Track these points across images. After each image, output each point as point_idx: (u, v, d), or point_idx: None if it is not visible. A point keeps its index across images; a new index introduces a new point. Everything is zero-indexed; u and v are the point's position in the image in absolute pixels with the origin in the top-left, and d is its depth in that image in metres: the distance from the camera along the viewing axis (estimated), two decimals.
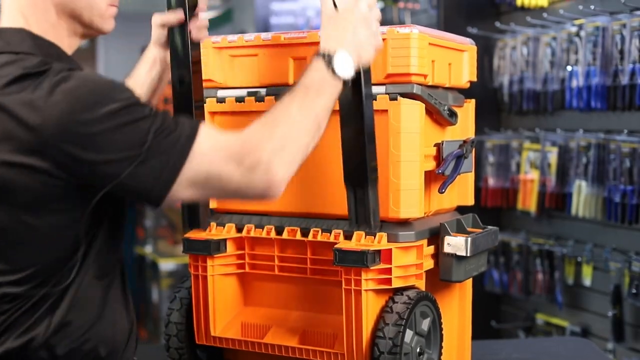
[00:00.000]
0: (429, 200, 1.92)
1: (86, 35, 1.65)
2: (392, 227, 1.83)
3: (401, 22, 4.68)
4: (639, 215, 3.21)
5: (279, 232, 1.92)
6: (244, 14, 7.60)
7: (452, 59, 2.00)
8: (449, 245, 1.86)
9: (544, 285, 3.87)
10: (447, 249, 1.86)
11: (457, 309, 2.06)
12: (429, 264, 1.87)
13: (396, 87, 1.82)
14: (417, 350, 1.79)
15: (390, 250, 1.78)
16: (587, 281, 3.62)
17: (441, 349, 1.89)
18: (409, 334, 1.78)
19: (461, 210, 2.09)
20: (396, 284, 1.79)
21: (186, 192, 1.52)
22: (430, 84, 1.88)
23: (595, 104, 3.43)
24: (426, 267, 1.86)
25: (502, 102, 4.14)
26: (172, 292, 2.09)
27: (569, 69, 3.59)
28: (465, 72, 2.06)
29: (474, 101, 2.11)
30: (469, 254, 1.84)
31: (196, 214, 1.90)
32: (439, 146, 1.91)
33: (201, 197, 1.60)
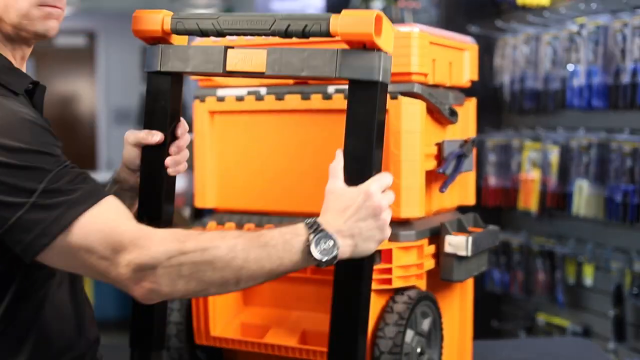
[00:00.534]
0: (430, 199, 1.91)
1: (25, 39, 1.52)
2: (393, 226, 1.81)
3: (402, 21, 4.68)
4: None
5: None
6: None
7: (453, 58, 1.99)
8: (450, 244, 1.85)
9: (544, 285, 3.86)
10: (448, 249, 1.85)
11: (457, 308, 2.05)
12: (430, 264, 1.87)
13: (397, 86, 1.81)
14: (418, 350, 1.79)
15: (390, 250, 1.78)
16: (588, 281, 3.62)
17: (442, 348, 1.88)
18: (410, 333, 1.77)
19: (462, 209, 2.08)
20: (397, 284, 1.78)
21: (56, 259, 1.39)
22: (431, 83, 1.88)
23: (596, 103, 3.43)
24: (427, 266, 1.85)
25: (503, 101, 4.14)
26: None
27: (570, 67, 3.59)
28: (466, 71, 2.05)
29: (474, 100, 2.10)
30: (469, 254, 1.84)
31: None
32: (439, 145, 1.91)
33: (72, 270, 1.47)
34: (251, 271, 1.40)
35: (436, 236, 1.87)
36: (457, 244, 1.85)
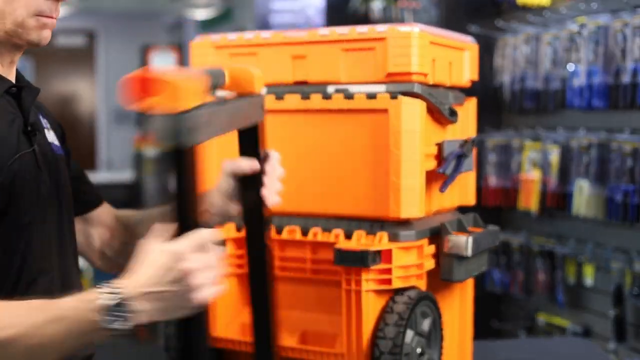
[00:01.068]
0: (430, 199, 1.91)
1: (16, 43, 1.51)
2: (393, 226, 1.82)
3: (402, 21, 4.68)
4: None
5: (279, 231, 1.91)
6: (244, 12, 7.60)
7: (453, 58, 1.99)
8: (450, 244, 1.85)
9: (545, 285, 3.86)
10: (448, 249, 1.85)
11: (457, 308, 2.05)
12: (430, 264, 1.86)
13: (397, 86, 1.81)
14: (418, 350, 1.79)
15: (390, 250, 1.77)
16: (589, 281, 3.62)
17: (442, 349, 1.88)
18: (410, 334, 1.77)
19: (462, 209, 2.08)
20: (397, 284, 1.78)
21: None
22: (431, 82, 1.87)
23: (596, 103, 3.43)
24: (427, 267, 1.85)
25: (503, 101, 4.13)
26: None
27: (571, 67, 3.58)
28: (466, 70, 2.05)
29: (475, 100, 2.10)
30: (470, 254, 1.84)
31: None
32: (439, 145, 1.91)
33: None
34: (43, 353, 1.27)
35: (436, 236, 1.87)
36: (457, 244, 1.84)
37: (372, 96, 1.81)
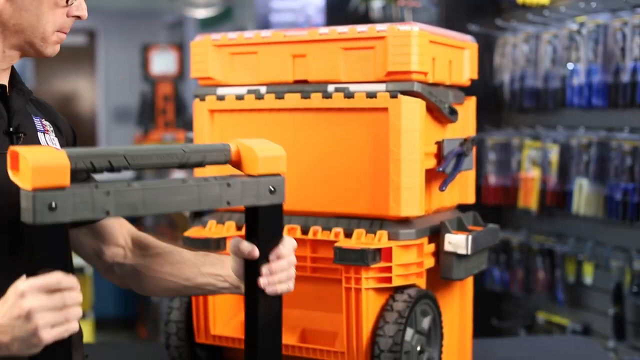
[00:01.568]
0: (430, 198, 1.91)
1: (27, 53, 1.55)
2: (393, 225, 1.82)
3: (402, 20, 4.68)
4: None
5: None
6: (244, 11, 7.59)
7: (453, 57, 1.99)
8: (450, 243, 1.85)
9: (544, 283, 3.86)
10: (447, 247, 1.85)
11: (457, 307, 2.05)
12: (430, 262, 1.87)
13: (396, 84, 1.81)
14: (418, 348, 1.79)
15: (390, 248, 1.78)
16: (588, 279, 3.62)
17: (442, 347, 1.88)
18: (410, 332, 1.77)
19: (462, 208, 2.09)
20: (396, 283, 1.79)
21: None
22: (430, 81, 1.88)
23: (596, 101, 3.43)
24: (427, 265, 1.85)
25: (503, 99, 4.13)
26: None
27: (570, 66, 3.58)
28: (465, 69, 2.05)
29: (474, 99, 2.10)
30: (469, 252, 1.84)
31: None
32: (439, 144, 1.91)
33: None
34: None
35: (436, 235, 1.88)
36: (456, 242, 1.85)
37: (372, 95, 1.81)
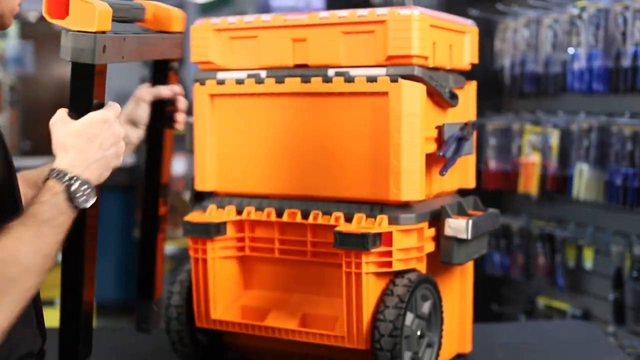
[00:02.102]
0: (430, 182, 1.91)
1: None
2: (393, 209, 1.82)
3: (402, 4, 4.66)
4: None
5: (280, 214, 1.91)
6: None
7: (453, 41, 1.98)
8: (450, 227, 1.85)
9: (544, 268, 3.87)
10: (448, 232, 1.85)
11: (457, 291, 2.06)
12: (430, 247, 1.87)
13: (397, 69, 1.81)
14: (418, 333, 1.79)
15: (390, 233, 1.78)
16: (588, 264, 3.62)
17: (442, 331, 1.88)
18: (410, 316, 1.77)
19: (462, 193, 2.08)
20: (397, 267, 1.79)
21: None
22: (431, 65, 1.87)
23: (597, 86, 3.42)
24: (427, 249, 1.85)
25: (504, 84, 4.13)
26: (173, 275, 2.08)
27: (571, 51, 3.58)
28: (466, 54, 2.05)
29: (475, 83, 2.10)
30: (469, 237, 1.84)
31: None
32: (440, 128, 1.90)
33: None
34: (52, 254, 1.39)
35: (436, 219, 1.87)
36: (457, 227, 1.85)
37: (373, 79, 1.81)
